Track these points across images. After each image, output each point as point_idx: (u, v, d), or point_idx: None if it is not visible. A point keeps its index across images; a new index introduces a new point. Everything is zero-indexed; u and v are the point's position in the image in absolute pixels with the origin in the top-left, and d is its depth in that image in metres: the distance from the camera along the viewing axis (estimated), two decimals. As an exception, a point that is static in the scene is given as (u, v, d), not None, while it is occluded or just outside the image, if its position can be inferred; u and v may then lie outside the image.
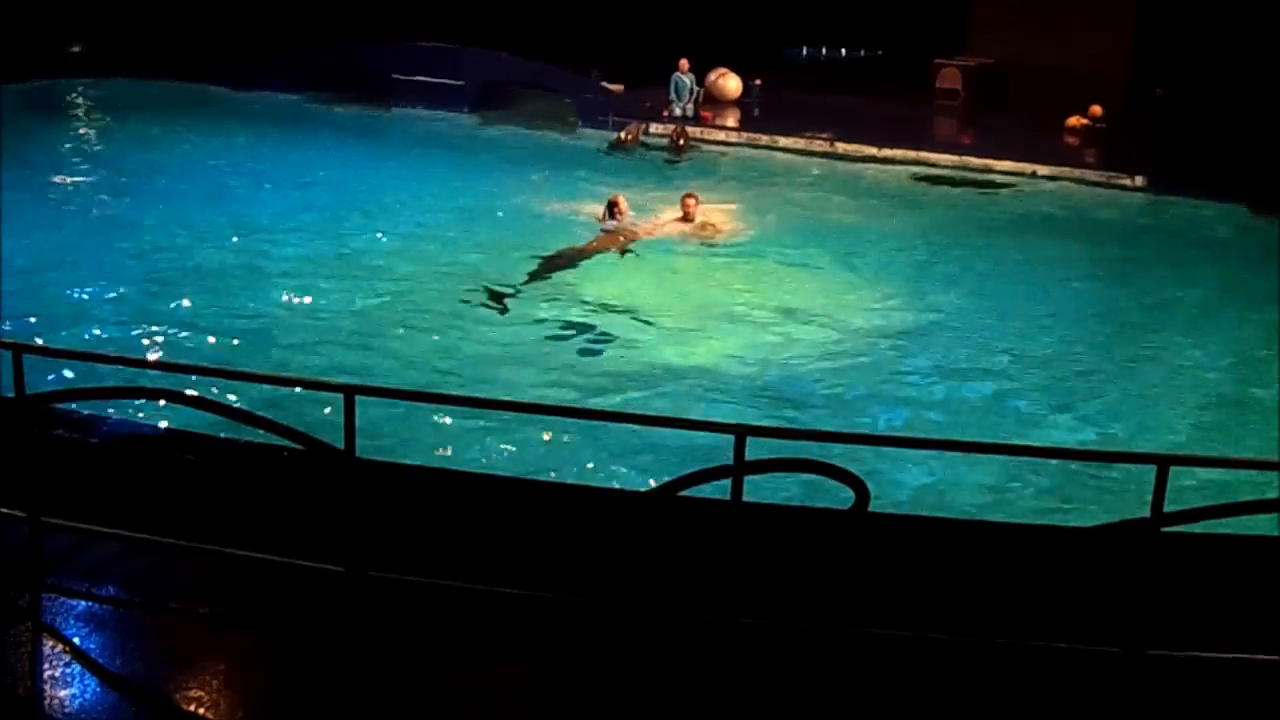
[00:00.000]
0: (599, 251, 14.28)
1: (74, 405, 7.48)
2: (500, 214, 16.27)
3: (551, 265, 13.74)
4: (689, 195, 15.61)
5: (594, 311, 12.50)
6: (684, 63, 23.74)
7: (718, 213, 16.30)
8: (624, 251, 14.37)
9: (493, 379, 10.50)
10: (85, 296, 12.26)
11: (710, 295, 13.28)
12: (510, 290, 12.99)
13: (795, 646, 5.72)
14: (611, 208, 15.23)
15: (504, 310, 12.48)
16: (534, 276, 13.41)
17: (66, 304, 11.98)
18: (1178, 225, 17.71)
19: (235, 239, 14.65)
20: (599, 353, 11.51)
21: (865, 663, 5.64)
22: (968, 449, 7.93)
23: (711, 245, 14.88)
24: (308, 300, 12.54)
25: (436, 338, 11.65)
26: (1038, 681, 5.58)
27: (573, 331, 11.97)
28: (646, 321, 12.30)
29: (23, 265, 12.62)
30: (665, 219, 15.45)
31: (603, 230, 14.95)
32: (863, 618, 5.77)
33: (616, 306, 12.67)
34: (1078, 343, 12.33)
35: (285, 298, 12.58)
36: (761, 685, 5.48)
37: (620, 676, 5.56)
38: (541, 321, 12.17)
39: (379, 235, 15.16)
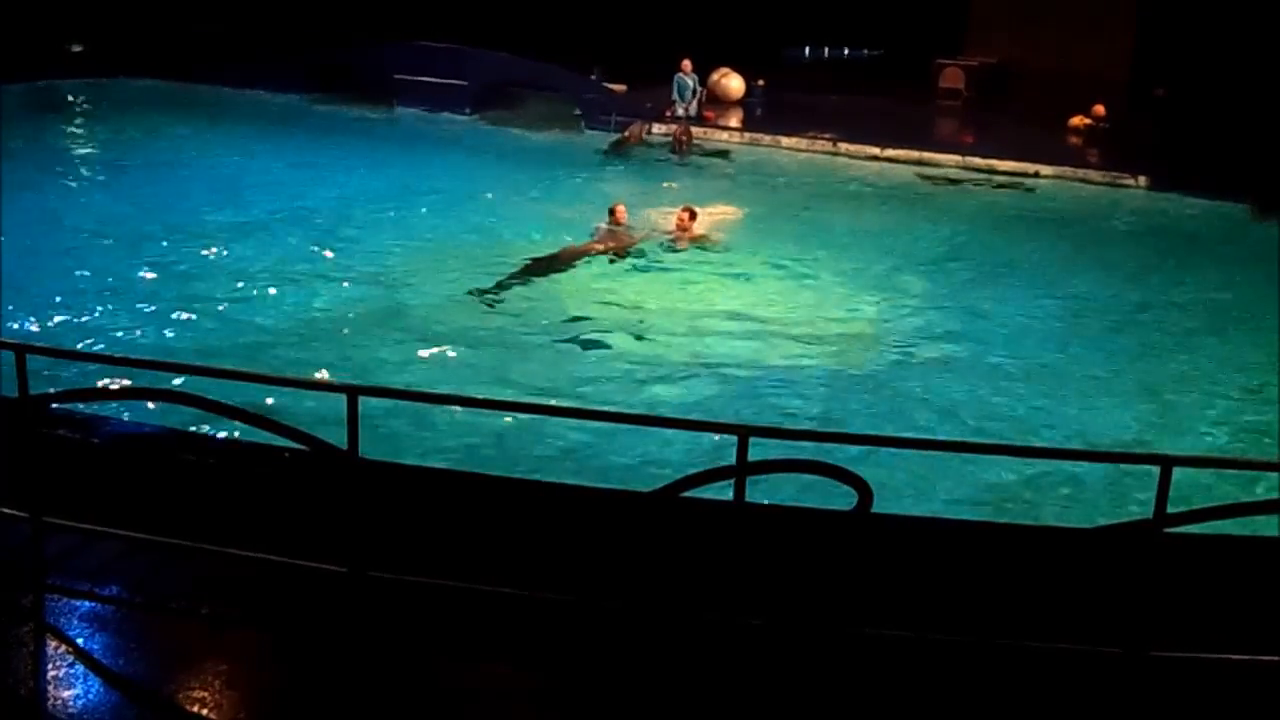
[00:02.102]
0: (598, 255, 14.24)
1: (76, 405, 7.47)
2: (502, 215, 16.26)
3: (551, 267, 13.72)
4: (685, 209, 15.26)
5: (595, 313, 12.49)
6: (687, 63, 23.75)
7: (719, 214, 16.30)
8: (622, 256, 14.30)
9: (494, 379, 10.49)
10: (87, 297, 12.26)
11: (712, 296, 13.28)
12: (509, 291, 12.98)
13: (798, 648, 5.72)
14: (611, 215, 15.17)
15: (492, 305, 12.47)
16: (535, 278, 13.39)
17: (68, 304, 11.97)
18: (1180, 224, 17.72)
19: (237, 239, 14.63)
20: (601, 354, 11.50)
21: (868, 664, 5.63)
22: (970, 450, 7.95)
23: (712, 249, 14.83)
24: (310, 300, 12.53)
25: (439, 338, 11.64)
26: (1040, 682, 5.57)
27: (575, 333, 11.96)
28: (648, 323, 12.29)
29: (25, 265, 12.63)
30: (662, 228, 15.33)
31: (601, 235, 14.90)
32: (866, 619, 5.77)
33: (618, 308, 12.66)
34: (1080, 342, 12.32)
35: (288, 298, 12.58)
36: (764, 686, 5.47)
37: (623, 677, 5.56)
38: (543, 323, 12.16)
39: (381, 236, 15.15)
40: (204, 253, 14.00)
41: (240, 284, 12.97)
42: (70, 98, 23.84)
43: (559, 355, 11.38)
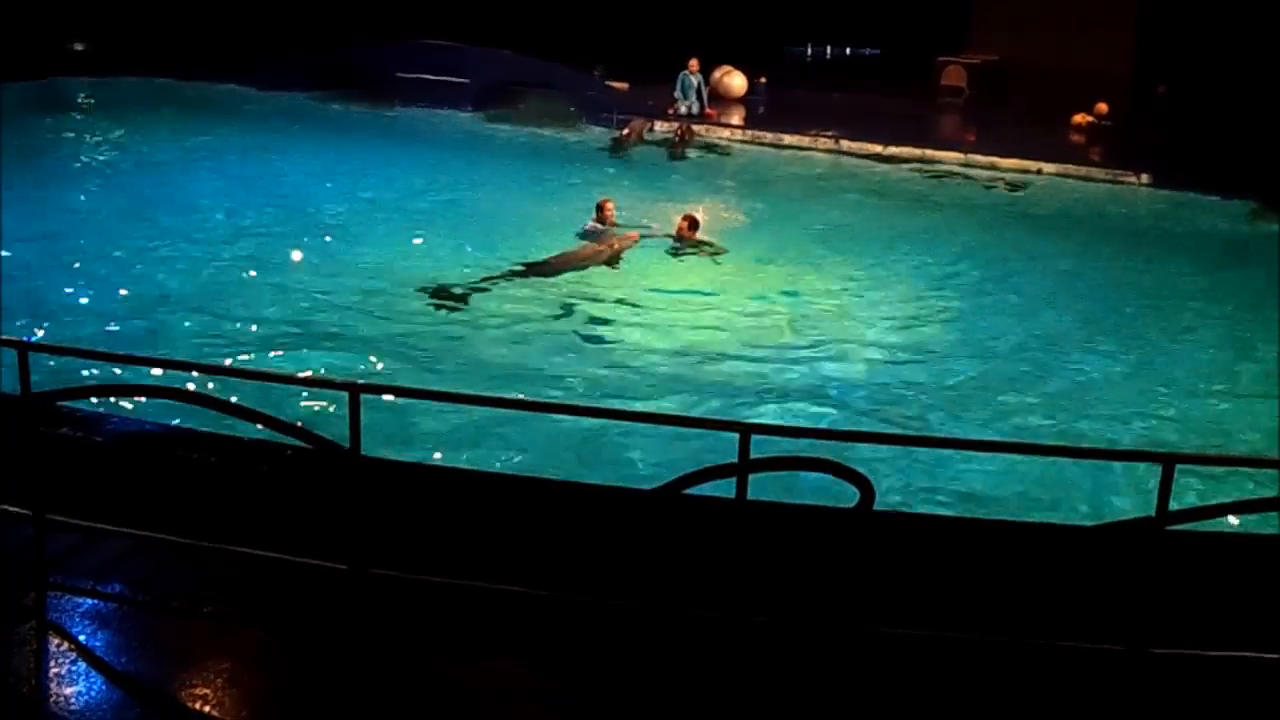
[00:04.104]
0: (595, 255, 14.19)
1: (79, 403, 7.48)
2: (503, 214, 16.25)
3: (552, 267, 13.68)
4: (686, 218, 14.96)
5: (598, 312, 12.48)
6: (694, 63, 23.73)
7: (720, 213, 16.28)
8: (619, 255, 14.23)
9: (497, 378, 10.49)
10: (90, 294, 12.26)
11: (713, 295, 13.26)
12: (511, 290, 12.97)
13: (800, 645, 5.72)
14: (600, 211, 15.09)
15: (494, 304, 12.45)
16: (536, 277, 13.36)
17: (71, 302, 11.98)
18: (1183, 222, 17.70)
19: (239, 238, 14.66)
20: (603, 352, 11.50)
21: (870, 661, 5.63)
22: (972, 447, 7.94)
23: (713, 252, 14.72)
24: (311, 298, 12.53)
25: (441, 336, 11.65)
26: (1042, 680, 5.57)
27: (577, 332, 11.96)
28: (650, 322, 12.28)
29: (27, 263, 12.65)
30: (662, 230, 15.15)
31: (590, 232, 14.83)
32: (868, 616, 5.77)
33: (620, 307, 12.65)
34: (1083, 340, 12.31)
35: (288, 296, 12.57)
36: (766, 684, 5.47)
37: (626, 675, 5.56)
38: (545, 322, 12.15)
39: (384, 235, 15.15)
40: (206, 251, 14.00)
41: (242, 282, 12.97)
42: (72, 96, 23.85)
43: (561, 354, 11.37)
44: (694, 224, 14.92)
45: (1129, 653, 5.59)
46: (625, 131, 21.80)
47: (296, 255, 14.11)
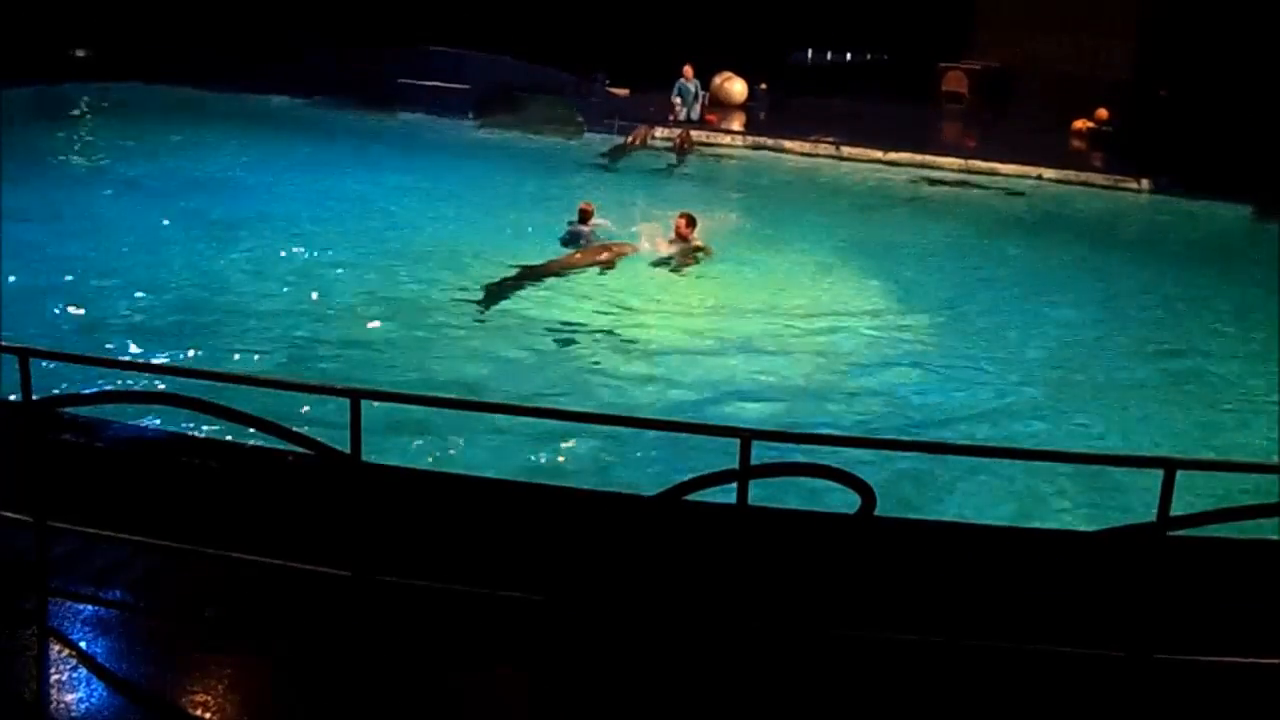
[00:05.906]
0: (593, 260, 14.19)
1: (80, 409, 7.48)
2: (503, 219, 16.25)
3: (551, 273, 13.68)
4: (683, 216, 14.86)
5: (598, 319, 12.48)
6: (689, 69, 23.79)
7: (720, 218, 16.28)
8: (615, 260, 14.22)
9: (497, 384, 10.49)
10: (91, 301, 12.27)
11: (714, 300, 13.27)
12: (511, 296, 12.97)
13: (801, 652, 5.71)
14: (583, 215, 15.03)
15: (495, 310, 12.45)
16: (535, 284, 13.37)
17: (73, 308, 11.99)
18: (1183, 228, 17.71)
19: (241, 244, 14.66)
20: (602, 357, 11.50)
21: (872, 667, 5.63)
22: (974, 453, 7.93)
23: (711, 256, 14.70)
24: (311, 305, 12.54)
25: (442, 343, 11.65)
26: (1044, 686, 5.57)
27: (576, 336, 11.97)
28: (649, 326, 12.29)
29: (29, 269, 12.65)
30: (660, 234, 15.11)
31: (572, 235, 14.80)
32: (869, 622, 5.77)
33: (619, 312, 12.66)
34: (1084, 346, 12.32)
35: (289, 303, 12.59)
36: (766, 690, 5.47)
37: (628, 682, 5.56)
38: (545, 328, 12.15)
39: (386, 241, 15.16)
40: (207, 258, 14.01)
41: (243, 289, 12.98)
42: (75, 102, 23.89)
43: (560, 358, 11.39)
44: (691, 222, 14.80)
45: (1131, 658, 5.59)
46: (630, 138, 21.82)
47: (297, 261, 14.11)
